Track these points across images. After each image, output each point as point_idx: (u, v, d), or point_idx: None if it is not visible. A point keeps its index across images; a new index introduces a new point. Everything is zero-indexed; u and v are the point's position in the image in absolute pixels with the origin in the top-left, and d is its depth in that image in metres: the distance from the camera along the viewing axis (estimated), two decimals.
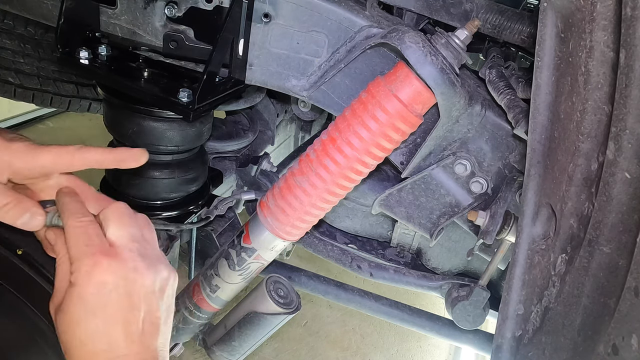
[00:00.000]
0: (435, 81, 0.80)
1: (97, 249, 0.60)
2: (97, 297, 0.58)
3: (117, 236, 0.63)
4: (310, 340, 2.38)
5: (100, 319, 0.58)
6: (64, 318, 0.59)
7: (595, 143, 0.63)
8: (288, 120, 1.79)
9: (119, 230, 0.63)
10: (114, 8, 1.00)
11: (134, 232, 0.64)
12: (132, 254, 0.62)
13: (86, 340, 0.58)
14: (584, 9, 0.59)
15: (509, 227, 0.96)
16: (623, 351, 0.55)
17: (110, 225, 0.63)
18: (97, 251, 0.59)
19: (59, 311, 0.60)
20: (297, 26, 0.94)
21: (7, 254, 0.83)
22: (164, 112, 1.02)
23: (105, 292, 0.58)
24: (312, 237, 1.32)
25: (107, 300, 0.58)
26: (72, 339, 0.58)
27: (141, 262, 0.62)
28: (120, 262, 0.60)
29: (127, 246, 0.62)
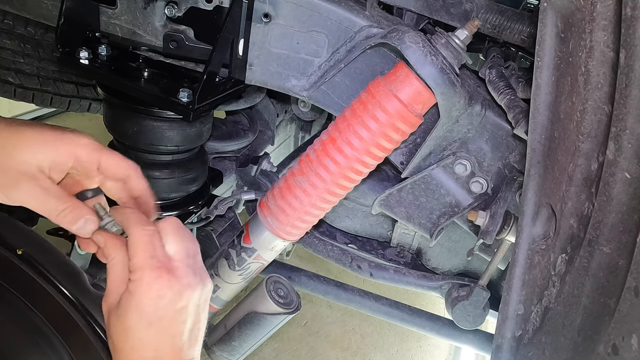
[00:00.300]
0: (435, 81, 0.80)
1: (161, 263, 0.63)
2: (154, 308, 0.62)
3: (175, 251, 0.66)
4: (310, 340, 2.38)
5: (154, 329, 0.62)
6: (118, 322, 0.63)
7: (595, 143, 0.63)
8: (288, 120, 1.78)
9: (177, 244, 0.66)
10: (114, 8, 1.00)
11: (188, 247, 0.68)
12: (187, 270, 0.65)
13: (138, 346, 0.62)
14: (584, 9, 0.59)
15: (509, 227, 0.96)
16: (623, 351, 0.55)
17: (168, 240, 0.66)
18: (160, 265, 0.63)
19: (113, 314, 0.64)
20: (297, 26, 0.94)
21: (7, 254, 0.83)
22: (164, 112, 1.02)
23: (162, 305, 0.62)
24: (312, 237, 1.32)
25: (163, 313, 0.62)
26: (125, 343, 0.63)
27: (193, 278, 0.66)
28: (178, 278, 0.63)
29: (184, 262, 0.66)
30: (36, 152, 0.64)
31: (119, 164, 0.70)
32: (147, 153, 1.08)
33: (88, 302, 0.85)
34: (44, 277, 0.83)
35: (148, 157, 1.09)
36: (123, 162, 0.70)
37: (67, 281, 0.84)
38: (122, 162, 0.70)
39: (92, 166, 0.68)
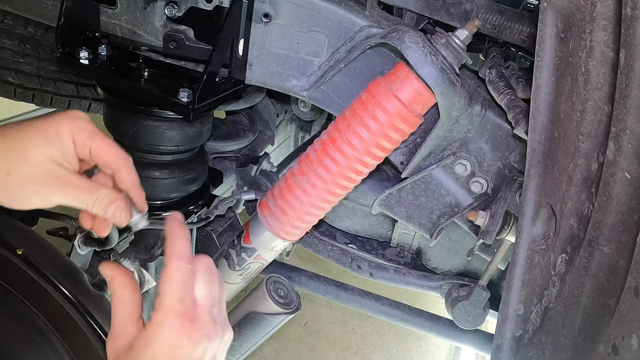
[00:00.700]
0: (435, 81, 0.80)
1: (186, 310, 0.61)
2: (169, 357, 0.60)
3: (202, 296, 0.64)
4: (310, 340, 2.38)
5: None
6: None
7: (595, 143, 0.63)
8: (288, 120, 1.78)
9: (205, 289, 0.65)
10: (114, 8, 1.00)
11: (215, 293, 0.66)
12: (210, 320, 0.64)
13: None
14: (584, 9, 0.59)
15: (509, 227, 0.96)
16: (623, 351, 0.55)
17: (199, 282, 0.65)
18: (185, 312, 0.61)
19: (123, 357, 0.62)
20: (297, 26, 0.94)
21: (7, 254, 0.83)
22: (164, 112, 1.02)
23: (178, 354, 0.60)
24: (312, 237, 1.32)
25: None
26: None
27: (214, 328, 0.64)
28: (199, 328, 0.62)
29: (208, 310, 0.64)
30: (47, 149, 0.63)
31: (108, 152, 0.68)
32: (147, 153, 1.08)
33: (88, 302, 0.85)
34: (44, 277, 0.83)
35: (148, 157, 1.09)
36: (113, 151, 0.68)
37: (67, 281, 0.84)
38: (111, 151, 0.68)
39: (84, 151, 0.67)
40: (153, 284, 1.12)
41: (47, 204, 0.64)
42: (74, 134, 0.65)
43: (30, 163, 0.62)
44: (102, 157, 0.67)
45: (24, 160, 0.62)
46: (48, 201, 0.63)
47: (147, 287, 1.10)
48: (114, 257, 1.04)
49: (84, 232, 0.97)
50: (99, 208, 0.65)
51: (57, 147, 0.64)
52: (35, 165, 0.62)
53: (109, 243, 0.98)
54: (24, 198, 0.63)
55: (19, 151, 0.62)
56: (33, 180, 0.62)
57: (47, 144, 0.63)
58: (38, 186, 0.62)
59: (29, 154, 0.62)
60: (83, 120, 0.66)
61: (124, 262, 1.06)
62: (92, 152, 0.66)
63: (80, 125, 0.65)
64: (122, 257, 1.05)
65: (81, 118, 0.66)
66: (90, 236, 0.98)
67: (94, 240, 0.98)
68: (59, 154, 0.64)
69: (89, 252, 1.00)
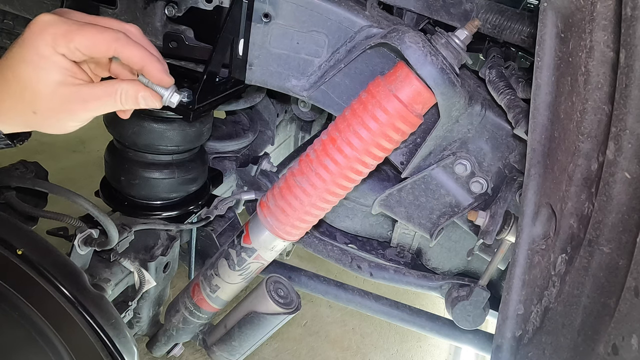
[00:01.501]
0: (435, 81, 0.80)
1: None
2: None
3: None
4: (310, 340, 2.38)
5: None
6: None
7: (595, 143, 0.63)
8: (288, 120, 1.79)
9: None
10: (114, 8, 1.00)
11: None
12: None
13: None
14: (584, 9, 0.59)
15: (509, 227, 0.96)
16: (623, 351, 0.55)
17: None
18: None
19: None
20: (297, 26, 0.94)
21: (7, 254, 0.83)
22: (164, 112, 1.02)
23: None
24: (312, 237, 1.32)
25: None
26: None
27: None
28: None
29: None
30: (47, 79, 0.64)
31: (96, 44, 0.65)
32: (147, 153, 1.08)
33: (88, 302, 0.85)
34: (44, 277, 0.83)
35: (148, 157, 1.09)
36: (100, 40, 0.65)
37: (67, 281, 0.84)
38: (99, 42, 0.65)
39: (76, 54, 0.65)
40: (153, 284, 1.12)
41: (83, 123, 0.68)
42: (54, 47, 0.63)
43: (45, 98, 0.63)
44: (95, 52, 0.65)
45: (36, 97, 0.63)
46: (81, 120, 0.67)
47: (147, 287, 1.10)
48: (114, 257, 1.04)
49: (84, 232, 0.97)
50: (128, 102, 0.67)
51: (53, 68, 0.63)
52: (48, 97, 0.63)
53: (109, 243, 0.98)
54: (62, 126, 0.67)
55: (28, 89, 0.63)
56: (58, 110, 0.64)
57: (43, 71, 0.63)
58: (64, 113, 0.64)
59: (37, 90, 0.63)
60: (51, 24, 0.63)
61: (124, 262, 1.06)
62: (82, 52, 0.64)
63: (53, 31, 0.62)
64: (122, 257, 1.05)
65: (48, 24, 0.63)
66: (91, 236, 0.98)
67: (94, 240, 0.98)
68: (59, 75, 0.64)
69: (89, 252, 1.00)
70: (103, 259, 1.06)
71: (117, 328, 0.87)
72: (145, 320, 1.24)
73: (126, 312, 1.11)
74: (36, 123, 0.66)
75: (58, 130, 0.68)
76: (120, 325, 0.88)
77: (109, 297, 1.04)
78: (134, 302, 1.12)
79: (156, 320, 1.29)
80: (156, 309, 1.27)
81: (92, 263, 1.04)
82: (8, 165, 1.11)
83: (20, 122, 0.67)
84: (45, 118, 0.65)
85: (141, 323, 1.24)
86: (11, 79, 0.63)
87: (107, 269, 1.07)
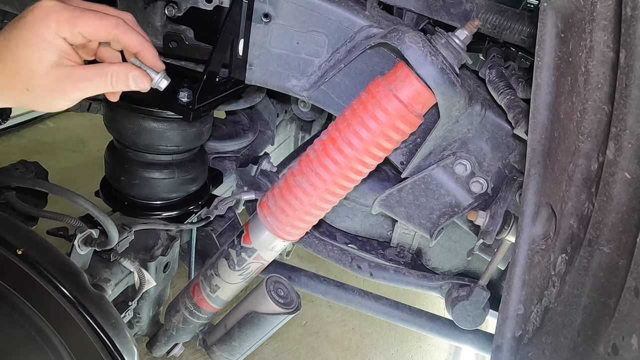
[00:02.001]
0: (435, 81, 0.80)
1: None
2: None
3: None
4: (310, 340, 2.38)
5: None
6: None
7: (595, 143, 0.63)
8: (288, 120, 1.79)
9: None
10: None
11: None
12: None
13: None
14: (584, 9, 0.59)
15: (509, 227, 0.96)
16: (623, 351, 0.55)
17: None
18: None
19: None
20: (297, 26, 0.94)
21: (7, 254, 0.83)
22: (163, 112, 1.02)
23: None
24: (312, 237, 1.32)
25: None
26: None
27: None
28: None
29: None
30: (44, 59, 0.67)
31: (98, 30, 0.70)
32: (147, 153, 1.08)
33: (88, 302, 0.85)
34: (44, 277, 0.83)
35: (148, 157, 1.09)
36: (102, 26, 0.70)
37: (67, 281, 0.84)
38: (101, 27, 0.70)
39: (78, 38, 0.69)
40: (153, 284, 1.12)
41: (73, 102, 0.72)
42: (57, 31, 0.67)
43: (39, 76, 0.67)
44: (95, 36, 0.70)
45: (32, 75, 0.67)
46: (72, 99, 0.71)
47: (147, 287, 1.10)
48: (114, 257, 1.04)
49: (84, 232, 0.97)
50: (118, 84, 0.71)
51: (53, 50, 0.67)
52: (43, 76, 0.67)
53: (109, 243, 0.98)
54: (53, 104, 0.70)
55: (24, 68, 0.67)
56: (51, 89, 0.68)
57: (43, 52, 0.67)
58: (57, 92, 0.68)
59: (34, 69, 0.67)
60: (54, 10, 0.68)
61: (124, 262, 1.06)
62: (84, 36, 0.69)
63: (56, 17, 0.67)
64: (122, 257, 1.05)
65: (51, 10, 0.67)
66: (91, 236, 0.98)
67: (94, 240, 0.98)
68: (56, 56, 0.68)
69: (89, 252, 1.00)
70: (103, 259, 1.06)
71: (117, 328, 0.87)
72: (145, 320, 1.24)
73: (126, 312, 1.11)
74: (28, 100, 0.70)
75: (48, 108, 0.71)
76: (120, 325, 0.88)
77: (109, 297, 1.04)
78: (134, 302, 1.12)
79: (156, 320, 1.29)
80: (156, 309, 1.27)
81: (92, 263, 1.04)
82: (8, 165, 1.11)
83: (12, 99, 0.70)
84: (38, 96, 0.69)
85: (141, 323, 1.24)
86: (8, 58, 0.67)
87: (107, 269, 1.07)
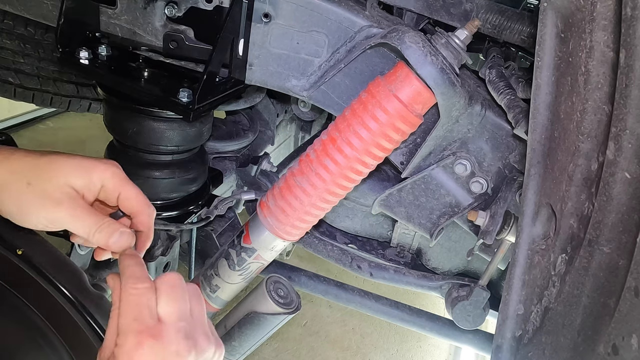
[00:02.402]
0: (435, 81, 0.80)
1: (144, 327, 0.59)
2: None
3: (166, 312, 0.61)
4: (310, 340, 2.38)
5: None
6: None
7: (595, 143, 0.63)
8: (288, 120, 1.78)
9: (168, 305, 0.62)
10: (114, 8, 1.00)
11: (183, 308, 0.63)
12: (177, 335, 0.60)
13: None
14: (584, 9, 0.59)
15: (509, 227, 0.96)
16: (623, 351, 0.55)
17: (161, 299, 0.62)
18: (143, 329, 0.58)
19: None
20: (297, 26, 0.94)
21: (7, 254, 0.83)
22: (163, 112, 1.02)
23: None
24: (312, 237, 1.32)
25: None
26: None
27: (184, 344, 0.60)
28: (163, 344, 0.59)
29: (174, 326, 0.61)
30: (72, 177, 0.68)
31: (137, 198, 0.73)
32: (147, 153, 1.08)
33: (88, 302, 0.85)
34: (44, 277, 0.83)
35: (148, 157, 1.09)
36: (141, 197, 0.73)
37: (67, 281, 0.84)
38: (139, 198, 0.73)
39: (114, 195, 0.71)
40: None
41: (53, 224, 0.67)
42: (105, 178, 0.70)
43: (53, 182, 0.66)
44: (132, 203, 0.72)
45: (47, 178, 0.66)
46: (55, 221, 0.66)
47: None
48: (114, 257, 1.03)
49: None
50: (100, 236, 0.67)
51: (83, 179, 0.68)
52: (55, 185, 0.66)
53: None
54: (35, 212, 0.66)
55: (46, 170, 0.67)
56: (48, 196, 0.65)
57: (74, 174, 0.67)
58: (51, 202, 0.65)
59: (53, 175, 0.67)
60: (118, 168, 0.72)
61: None
62: (121, 196, 0.71)
63: (115, 171, 0.71)
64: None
65: (117, 166, 0.72)
66: None
67: None
68: (81, 185, 0.68)
69: (89, 252, 1.00)
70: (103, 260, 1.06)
71: None
72: None
73: None
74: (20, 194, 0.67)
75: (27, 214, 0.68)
76: None
77: (109, 297, 1.04)
78: None
79: None
80: None
81: (92, 263, 1.04)
82: None
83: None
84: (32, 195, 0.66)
85: None
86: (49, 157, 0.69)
87: (107, 269, 1.07)
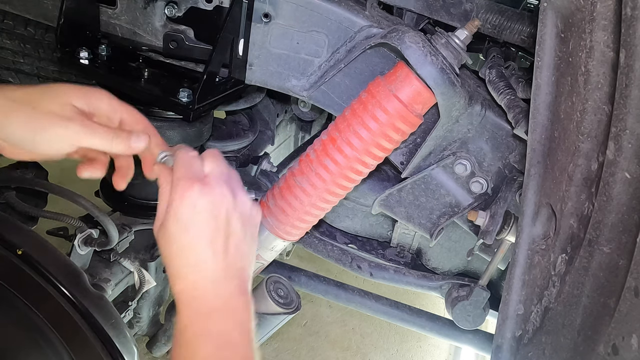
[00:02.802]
0: (435, 81, 0.80)
1: (194, 175, 0.68)
2: (188, 215, 0.66)
3: (211, 168, 0.71)
4: (310, 340, 2.38)
5: (190, 235, 0.66)
6: (163, 233, 0.67)
7: (595, 143, 0.63)
8: (288, 120, 1.78)
9: (212, 164, 0.71)
10: (114, 8, 1.00)
11: (224, 169, 0.73)
12: (220, 181, 0.69)
13: (179, 252, 0.66)
14: (584, 9, 0.59)
15: (509, 227, 0.96)
16: (623, 351, 0.55)
17: (206, 161, 0.72)
18: (193, 177, 0.67)
19: (160, 228, 0.68)
20: (297, 26, 0.94)
21: (7, 254, 0.83)
22: (164, 112, 1.02)
23: (196, 211, 0.66)
24: (312, 237, 1.32)
25: (198, 219, 0.66)
26: (169, 252, 0.67)
27: (227, 188, 0.70)
28: (210, 188, 0.68)
29: (218, 177, 0.70)
30: (74, 98, 0.69)
31: (138, 115, 0.75)
32: None
33: (88, 302, 0.85)
34: (44, 277, 0.83)
35: None
36: (143, 118, 0.76)
37: (67, 281, 0.84)
38: (140, 115, 0.76)
39: (114, 115, 0.74)
40: (153, 284, 1.12)
41: (69, 145, 0.69)
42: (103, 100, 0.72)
43: (57, 103, 0.68)
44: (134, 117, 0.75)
45: (50, 101, 0.68)
46: (69, 137, 0.68)
47: (147, 287, 1.10)
48: (114, 257, 1.04)
49: (84, 232, 0.97)
50: (119, 143, 0.70)
51: (84, 100, 0.70)
52: (61, 105, 0.68)
53: (109, 243, 0.98)
54: (48, 130, 0.67)
55: (47, 94, 0.68)
56: (57, 114, 0.67)
57: (74, 96, 0.69)
58: (62, 119, 0.67)
59: (56, 97, 0.68)
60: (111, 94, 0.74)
61: (124, 262, 1.06)
62: (124, 117, 0.74)
63: (110, 95, 0.73)
64: (122, 257, 1.04)
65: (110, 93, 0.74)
66: (91, 236, 0.98)
67: (94, 240, 0.98)
68: (81, 105, 0.70)
69: (89, 252, 1.00)
70: (103, 259, 1.06)
71: (117, 328, 0.87)
72: (145, 320, 1.24)
73: (126, 312, 1.11)
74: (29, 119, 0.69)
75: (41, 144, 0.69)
76: (120, 325, 0.88)
77: (109, 297, 1.04)
78: (134, 302, 1.12)
79: (156, 320, 1.29)
80: (156, 309, 1.27)
81: (92, 263, 1.04)
82: (8, 165, 1.11)
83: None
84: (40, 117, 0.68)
85: (141, 323, 1.24)
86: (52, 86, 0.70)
87: (107, 269, 1.07)
